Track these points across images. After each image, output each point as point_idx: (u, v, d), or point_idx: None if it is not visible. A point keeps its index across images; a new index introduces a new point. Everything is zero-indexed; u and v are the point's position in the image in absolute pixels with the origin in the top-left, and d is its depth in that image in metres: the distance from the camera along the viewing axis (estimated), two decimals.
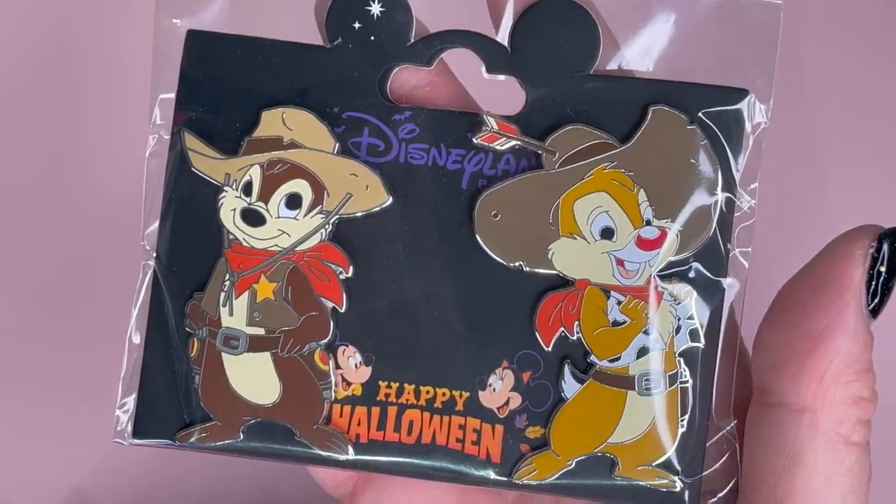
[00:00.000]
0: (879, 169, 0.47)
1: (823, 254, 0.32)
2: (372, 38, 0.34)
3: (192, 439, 0.34)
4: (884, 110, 0.48)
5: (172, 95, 0.34)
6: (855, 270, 0.31)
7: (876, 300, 0.31)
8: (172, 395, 0.34)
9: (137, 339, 0.34)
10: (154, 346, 0.34)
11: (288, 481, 0.44)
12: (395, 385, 0.34)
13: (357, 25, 0.34)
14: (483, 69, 0.34)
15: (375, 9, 0.34)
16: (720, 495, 0.33)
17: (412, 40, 0.34)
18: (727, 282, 0.33)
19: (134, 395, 0.34)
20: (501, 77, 0.34)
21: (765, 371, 0.32)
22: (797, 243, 0.36)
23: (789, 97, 0.38)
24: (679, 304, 0.33)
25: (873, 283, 0.31)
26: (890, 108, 0.47)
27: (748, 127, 0.33)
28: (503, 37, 0.34)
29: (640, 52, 0.34)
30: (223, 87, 0.34)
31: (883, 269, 0.31)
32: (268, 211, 0.34)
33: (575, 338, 0.33)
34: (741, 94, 0.33)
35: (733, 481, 0.33)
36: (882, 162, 0.47)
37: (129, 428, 0.34)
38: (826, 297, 0.31)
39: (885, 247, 0.31)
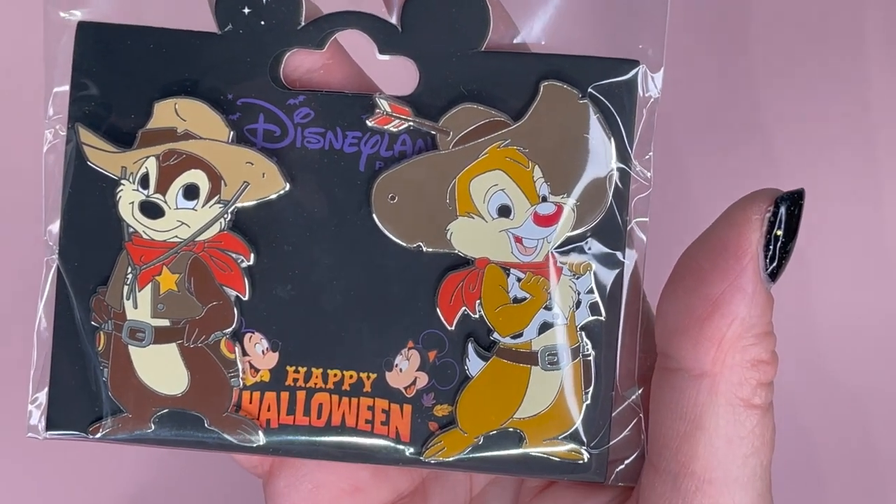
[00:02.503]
0: (777, 133, 0.48)
1: (721, 219, 0.32)
2: (262, 22, 0.34)
3: (105, 431, 0.34)
4: (778, 76, 0.48)
5: (66, 88, 0.34)
6: (752, 235, 0.31)
7: (774, 264, 0.31)
8: (83, 389, 0.34)
9: (46, 334, 0.34)
10: (62, 341, 0.34)
11: None
12: (302, 370, 0.34)
13: (246, 10, 0.34)
14: (375, 50, 0.34)
15: None
16: (627, 462, 0.34)
17: (303, 23, 0.34)
18: (626, 254, 0.33)
19: (45, 390, 0.34)
20: (395, 57, 0.34)
21: (666, 337, 0.32)
22: (698, 211, 0.36)
23: (682, 66, 0.38)
24: (578, 278, 0.33)
25: (771, 247, 0.31)
26: (784, 72, 0.47)
27: (640, 97, 0.33)
28: (395, 17, 0.34)
29: (532, 26, 0.34)
30: (116, 79, 0.34)
31: (780, 232, 0.31)
32: (166, 202, 0.34)
33: (477, 316, 0.33)
34: (631, 64, 0.33)
35: (640, 449, 0.34)
36: (780, 127, 0.48)
37: (43, 422, 0.34)
38: (723, 262, 0.31)
39: (783, 210, 0.31)
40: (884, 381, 0.48)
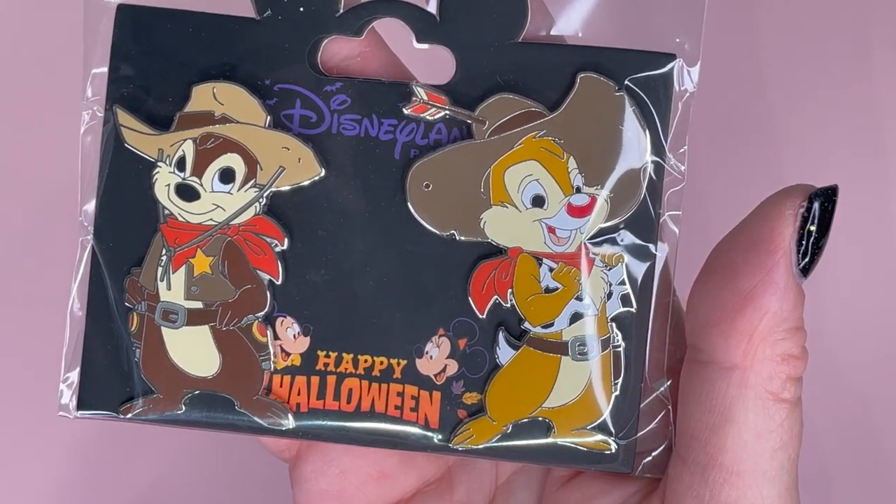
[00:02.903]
0: (810, 130, 0.48)
1: (755, 213, 0.32)
2: (301, 9, 0.34)
3: (135, 412, 0.34)
4: (816, 72, 0.48)
5: (105, 70, 0.34)
6: (785, 230, 0.31)
7: (806, 259, 0.32)
8: (115, 369, 0.34)
9: (79, 313, 0.35)
10: (95, 321, 0.34)
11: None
12: (333, 354, 0.34)
13: None
14: (413, 39, 0.34)
15: None
16: (655, 454, 0.34)
17: (341, 11, 0.34)
18: (658, 246, 0.33)
19: (77, 369, 0.35)
20: (432, 46, 0.34)
21: (696, 329, 0.33)
22: (730, 205, 0.36)
23: (718, 60, 0.38)
24: (610, 269, 0.33)
25: (804, 242, 0.31)
26: (818, 66, 0.48)
27: (676, 91, 0.33)
28: (433, 6, 0.34)
29: (569, 17, 0.34)
30: (154, 62, 0.34)
31: (813, 228, 0.32)
32: (202, 186, 0.34)
33: (508, 305, 0.34)
34: (668, 58, 0.33)
35: (667, 441, 0.34)
36: (812, 122, 0.48)
37: (74, 401, 0.35)
38: (756, 257, 0.32)
39: (816, 206, 0.32)
40: (891, 381, 0.48)
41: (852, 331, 0.48)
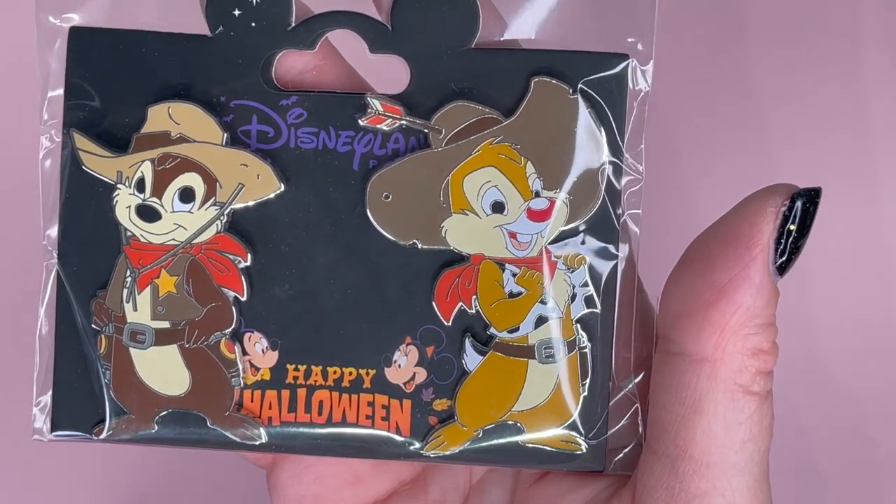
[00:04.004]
0: (769, 124, 0.48)
1: (736, 208, 0.32)
2: (252, 24, 0.34)
3: (108, 433, 0.34)
4: (769, 66, 0.48)
5: (60, 94, 0.34)
6: (765, 227, 0.32)
7: (784, 258, 0.32)
8: (86, 391, 0.35)
9: (48, 337, 0.35)
10: (64, 344, 0.35)
11: None
12: (302, 367, 0.34)
13: (237, 12, 0.34)
14: (366, 49, 0.34)
15: None
16: (625, 451, 0.34)
17: (293, 24, 0.34)
18: (619, 246, 0.34)
19: (49, 393, 0.35)
20: (386, 56, 0.34)
21: (669, 320, 0.33)
22: (690, 202, 0.36)
23: (673, 58, 0.38)
24: (573, 272, 0.34)
25: (783, 240, 0.32)
26: (776, 63, 0.48)
27: (631, 90, 0.33)
28: (385, 16, 0.34)
29: (522, 21, 0.34)
30: (109, 84, 0.34)
31: (793, 227, 0.32)
32: (162, 206, 0.34)
33: (474, 311, 0.34)
34: (621, 58, 0.33)
35: (637, 438, 0.34)
36: (771, 117, 0.48)
37: (47, 425, 0.35)
38: (734, 251, 0.32)
39: (798, 206, 0.32)
40: (880, 379, 0.49)
41: (841, 327, 0.49)
